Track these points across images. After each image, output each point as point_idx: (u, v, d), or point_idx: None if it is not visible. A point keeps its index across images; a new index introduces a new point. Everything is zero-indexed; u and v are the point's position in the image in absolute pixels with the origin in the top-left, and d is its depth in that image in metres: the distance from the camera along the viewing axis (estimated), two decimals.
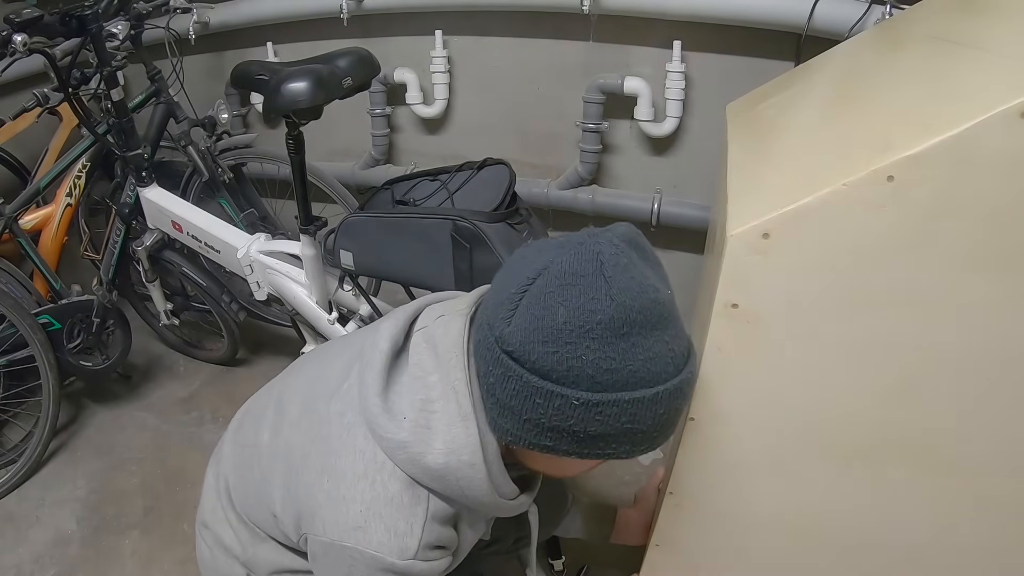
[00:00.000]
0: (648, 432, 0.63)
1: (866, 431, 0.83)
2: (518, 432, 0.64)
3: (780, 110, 1.07)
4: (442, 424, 0.67)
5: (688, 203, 1.84)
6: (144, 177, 1.58)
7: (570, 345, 0.58)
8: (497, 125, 2.04)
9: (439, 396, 0.67)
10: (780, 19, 1.51)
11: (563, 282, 0.58)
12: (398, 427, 0.67)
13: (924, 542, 0.90)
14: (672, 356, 0.62)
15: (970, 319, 0.72)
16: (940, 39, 0.93)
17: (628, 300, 0.58)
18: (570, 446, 0.63)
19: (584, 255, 0.59)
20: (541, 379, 0.59)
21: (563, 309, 0.57)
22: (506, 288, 0.62)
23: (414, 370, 0.70)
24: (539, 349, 0.58)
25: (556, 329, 0.58)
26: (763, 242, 0.73)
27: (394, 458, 0.68)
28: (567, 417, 0.60)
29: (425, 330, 0.72)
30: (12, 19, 1.22)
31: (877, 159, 0.67)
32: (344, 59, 1.27)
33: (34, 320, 1.58)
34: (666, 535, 1.05)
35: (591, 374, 0.58)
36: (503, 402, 0.63)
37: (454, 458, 0.67)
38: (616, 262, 0.59)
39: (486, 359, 0.64)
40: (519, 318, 0.60)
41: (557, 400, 0.59)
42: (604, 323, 0.57)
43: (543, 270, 0.60)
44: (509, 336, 0.60)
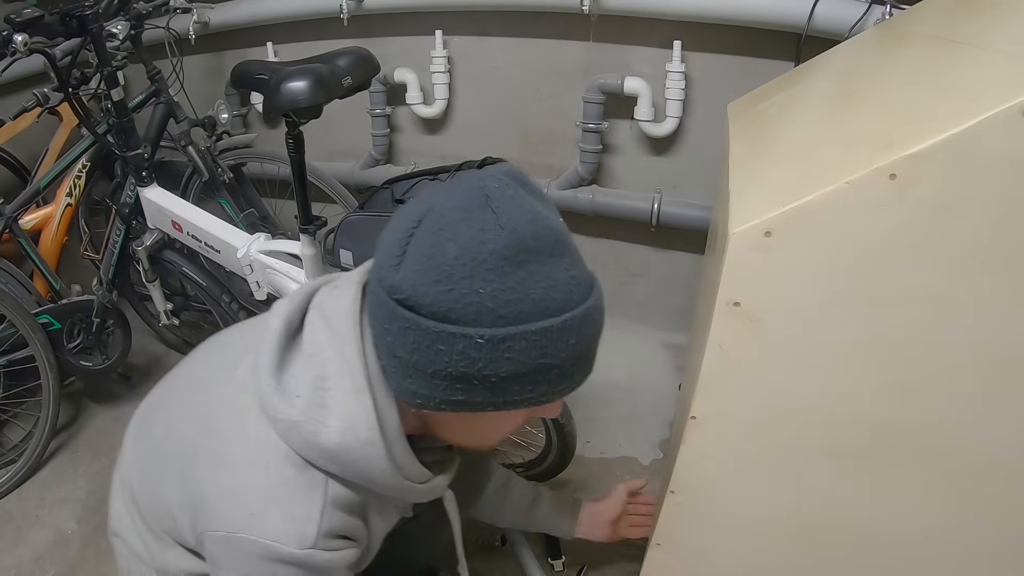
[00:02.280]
0: (563, 367, 0.60)
1: (868, 430, 0.83)
2: (427, 391, 0.60)
3: (781, 109, 1.07)
4: (336, 400, 0.63)
5: (688, 203, 1.84)
6: (144, 177, 1.58)
7: (466, 280, 0.54)
8: (497, 125, 2.04)
9: (334, 372, 0.63)
10: (780, 19, 1.51)
11: (450, 218, 0.56)
12: (290, 405, 0.63)
13: (925, 542, 0.90)
14: (575, 283, 0.59)
15: (973, 318, 0.72)
16: (941, 38, 0.93)
17: (520, 227, 0.55)
18: (484, 395, 0.59)
19: (468, 191, 0.57)
20: (440, 323, 0.55)
21: (453, 244, 0.54)
22: (392, 236, 0.58)
23: (308, 347, 0.66)
24: (433, 290, 0.55)
25: (448, 266, 0.54)
26: (765, 240, 0.73)
27: (288, 440, 0.64)
28: (475, 360, 0.56)
29: (318, 304, 0.69)
30: (12, 19, 1.22)
31: (879, 157, 0.67)
32: (344, 59, 1.27)
33: (34, 320, 1.58)
34: (666, 534, 1.05)
35: (492, 308, 0.55)
36: (405, 359, 0.59)
37: (350, 436, 0.62)
38: (502, 193, 0.57)
39: (380, 316, 0.60)
40: (408, 262, 0.56)
41: (461, 342, 0.55)
42: (498, 252, 0.54)
43: (428, 211, 0.57)
44: (400, 283, 0.56)
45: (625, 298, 2.15)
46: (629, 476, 1.64)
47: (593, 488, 1.60)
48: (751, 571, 1.04)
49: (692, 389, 0.90)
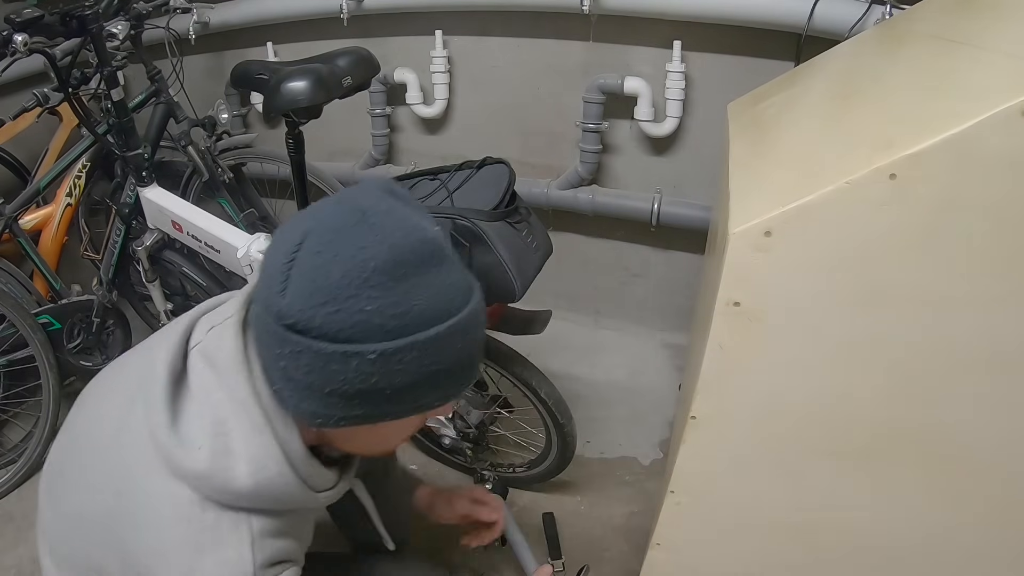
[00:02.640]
0: (453, 371, 0.62)
1: (868, 430, 0.83)
2: (325, 410, 0.61)
3: (781, 109, 1.07)
4: (239, 443, 0.63)
5: (688, 203, 1.84)
6: (144, 177, 1.58)
7: (352, 299, 0.55)
8: (497, 125, 2.04)
9: (230, 414, 0.64)
10: (780, 19, 1.51)
11: (329, 239, 0.57)
12: (195, 460, 0.63)
13: (925, 541, 0.90)
14: (455, 289, 0.61)
15: (973, 317, 0.72)
16: (941, 38, 0.93)
17: (398, 241, 0.57)
18: (383, 408, 0.61)
19: (344, 209, 0.58)
20: (331, 343, 0.56)
21: (336, 266, 0.56)
22: (274, 262, 0.59)
23: (198, 392, 0.65)
24: (321, 312, 0.56)
25: (333, 287, 0.55)
26: (765, 240, 0.73)
27: (201, 491, 0.63)
28: (369, 375, 0.58)
29: (200, 346, 0.68)
30: (12, 19, 1.22)
31: (879, 157, 0.67)
32: (344, 58, 1.27)
33: (34, 320, 1.58)
34: (666, 534, 1.05)
35: (379, 323, 0.56)
36: (301, 382, 0.59)
37: (262, 475, 0.64)
38: (377, 208, 0.58)
39: (271, 342, 0.60)
40: (293, 287, 0.57)
41: (354, 360, 0.57)
42: (380, 268, 0.56)
43: (307, 233, 0.57)
44: (287, 308, 0.57)
45: (625, 298, 2.15)
46: (629, 476, 1.64)
47: (593, 488, 1.60)
48: (751, 571, 1.04)
49: (692, 389, 0.90)
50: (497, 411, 1.50)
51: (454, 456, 1.61)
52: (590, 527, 1.50)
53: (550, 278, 1.40)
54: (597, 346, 2.09)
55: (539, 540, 1.43)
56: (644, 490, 1.58)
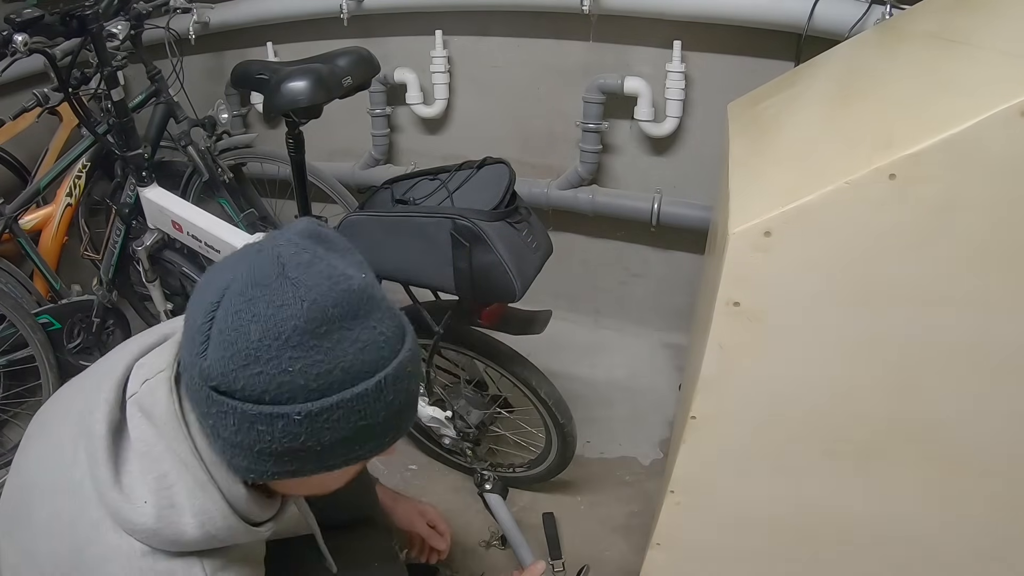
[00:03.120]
0: (384, 423, 0.60)
1: (868, 430, 0.83)
2: (258, 467, 0.60)
3: (781, 109, 1.07)
4: (184, 498, 0.63)
5: (688, 203, 1.84)
6: (144, 177, 1.58)
7: (273, 360, 0.54)
8: (497, 125, 2.04)
9: (170, 467, 0.63)
10: (780, 19, 1.51)
11: (248, 296, 0.54)
12: (141, 513, 0.62)
13: (925, 541, 0.90)
14: (384, 339, 0.59)
15: (973, 317, 0.72)
16: (940, 38, 0.93)
17: (319, 296, 0.55)
18: (315, 464, 0.60)
19: (263, 262, 0.56)
20: (256, 404, 0.55)
21: (255, 326, 0.53)
22: (194, 320, 0.57)
23: (138, 445, 0.64)
24: (243, 374, 0.54)
25: (253, 348, 0.53)
26: (765, 240, 0.73)
27: (151, 543, 0.63)
28: (296, 435, 0.56)
29: (135, 398, 0.66)
30: (13, 19, 1.22)
31: (879, 157, 0.67)
32: (344, 58, 1.27)
33: (34, 320, 1.58)
34: (666, 534, 1.05)
35: (303, 384, 0.55)
36: (231, 440, 0.59)
37: (209, 526, 0.64)
38: (298, 260, 0.56)
39: (198, 400, 0.59)
40: (213, 348, 0.55)
41: (279, 422, 0.55)
42: (301, 328, 0.54)
43: (225, 290, 0.55)
44: (209, 370, 0.55)
45: (625, 298, 2.15)
46: (629, 476, 1.64)
47: (593, 488, 1.60)
48: (751, 571, 1.05)
49: (692, 389, 0.90)
50: (497, 411, 1.50)
51: (454, 456, 1.61)
52: (590, 527, 1.50)
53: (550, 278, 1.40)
54: (597, 346, 2.09)
55: (539, 540, 1.43)
56: (644, 490, 1.58)
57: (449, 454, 1.61)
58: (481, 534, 1.47)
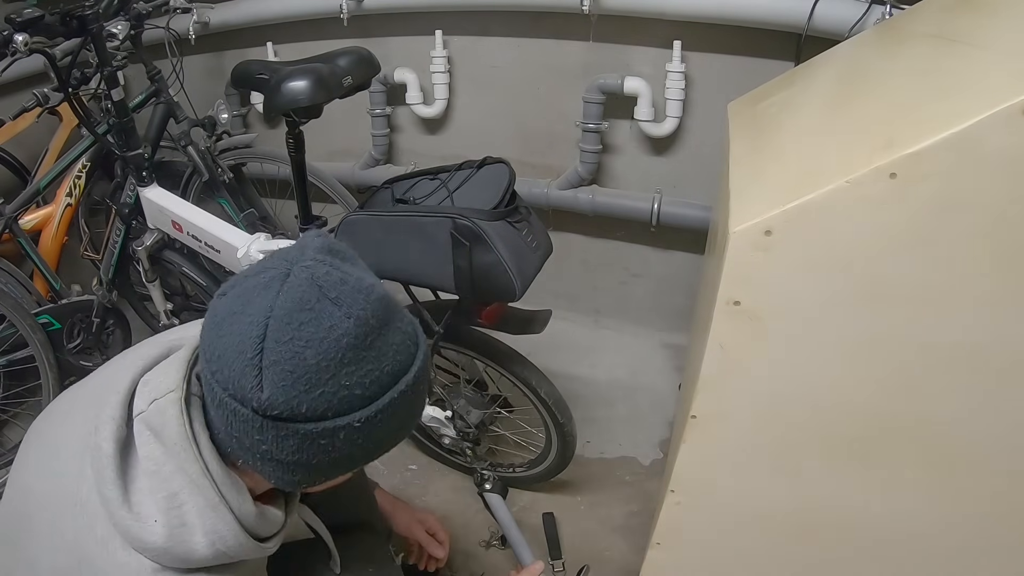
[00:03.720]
0: (416, 407, 0.66)
1: (868, 429, 0.83)
2: (311, 476, 0.63)
3: (781, 108, 1.07)
4: (195, 517, 0.64)
5: (688, 203, 1.84)
6: (144, 177, 1.58)
7: (332, 380, 0.57)
8: (497, 125, 2.04)
9: (181, 487, 0.64)
10: (780, 19, 1.51)
11: (296, 323, 0.56)
12: (152, 532, 0.63)
13: (925, 540, 0.90)
14: (409, 336, 0.64)
15: (973, 316, 0.72)
16: (941, 37, 0.93)
17: (360, 311, 0.58)
18: (363, 459, 0.64)
19: (300, 286, 0.57)
20: (318, 423, 0.58)
21: (310, 351, 0.56)
22: (235, 357, 0.57)
23: (147, 464, 0.65)
24: (306, 398, 0.57)
25: (312, 372, 0.56)
26: (765, 239, 0.73)
27: (160, 560, 0.64)
28: (354, 440, 0.60)
29: (143, 417, 0.66)
30: (13, 19, 1.22)
31: (879, 156, 0.67)
32: (344, 58, 1.26)
33: (34, 320, 1.58)
34: (666, 534, 1.05)
35: (360, 393, 0.58)
36: (288, 460, 0.60)
37: (220, 545, 0.65)
38: (332, 279, 0.58)
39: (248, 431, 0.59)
40: (269, 379, 0.56)
41: (341, 433, 0.59)
42: (352, 344, 0.57)
43: (267, 319, 0.56)
44: (269, 401, 0.56)
45: (625, 298, 2.15)
46: (629, 476, 1.64)
47: (593, 488, 1.60)
48: (751, 570, 1.04)
49: (692, 389, 0.90)
50: (497, 411, 1.50)
51: (454, 456, 1.61)
52: (590, 527, 1.50)
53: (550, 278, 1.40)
54: (597, 346, 2.09)
55: (539, 540, 1.43)
56: (644, 490, 1.58)
57: (449, 454, 1.61)
58: (481, 534, 1.47)
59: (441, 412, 1.42)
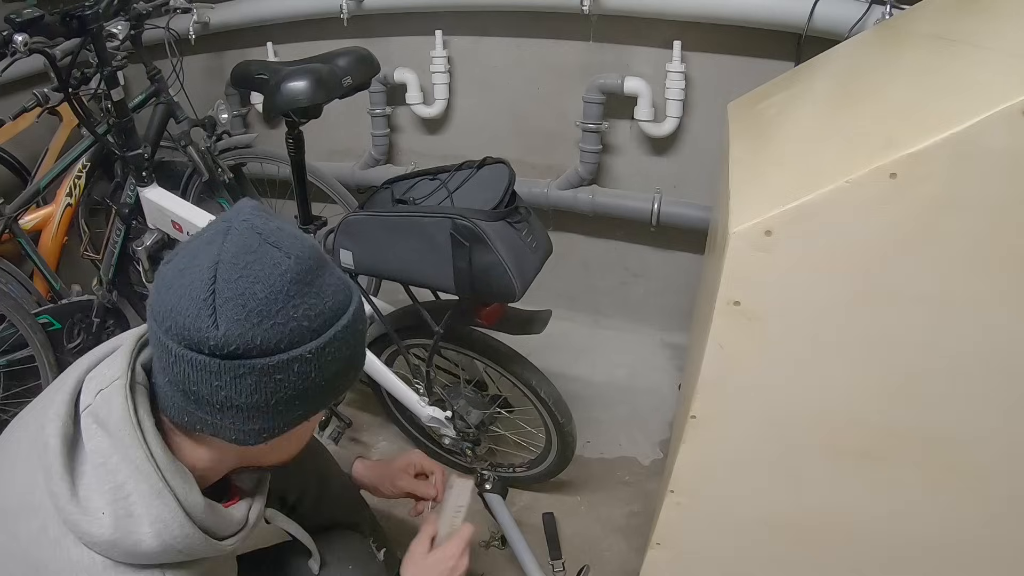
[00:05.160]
0: (359, 348, 0.70)
1: (868, 430, 0.83)
2: (272, 422, 0.65)
3: (781, 108, 1.07)
4: (141, 507, 0.64)
5: (688, 203, 1.84)
6: (144, 177, 1.58)
7: (282, 311, 0.60)
8: (497, 125, 2.04)
9: (127, 477, 0.64)
10: (780, 19, 1.51)
11: (242, 264, 0.60)
12: (99, 525, 0.63)
13: (925, 541, 0.90)
14: (342, 280, 0.68)
15: (973, 316, 0.72)
16: (941, 38, 0.93)
17: (298, 252, 0.63)
18: (320, 400, 0.67)
19: (243, 235, 0.62)
20: (272, 356, 0.61)
21: (259, 286, 0.60)
22: (188, 304, 0.60)
23: (93, 457, 0.65)
24: (259, 330, 0.60)
25: (263, 304, 0.60)
26: (765, 239, 0.73)
27: (111, 555, 0.64)
28: (307, 373, 0.63)
29: (90, 409, 0.67)
30: (13, 19, 1.22)
31: (879, 156, 0.67)
32: (344, 58, 1.26)
33: (34, 320, 1.58)
34: (666, 534, 1.05)
35: (307, 325, 0.62)
36: (245, 404, 0.62)
37: (166, 535, 0.65)
38: (269, 228, 0.63)
39: (203, 379, 0.61)
40: (224, 316, 0.59)
41: (295, 365, 0.62)
42: (295, 279, 0.61)
43: (216, 265, 0.60)
44: (224, 338, 0.59)
45: (625, 298, 2.15)
46: (629, 476, 1.64)
47: (593, 488, 1.60)
48: (751, 571, 1.04)
49: (692, 389, 0.90)
50: (497, 411, 1.50)
51: (454, 456, 1.61)
52: (590, 527, 1.50)
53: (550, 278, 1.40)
54: (597, 346, 2.09)
55: (539, 540, 1.43)
56: (644, 490, 1.58)
57: (449, 454, 1.61)
58: (481, 534, 1.47)
59: (441, 412, 1.42)
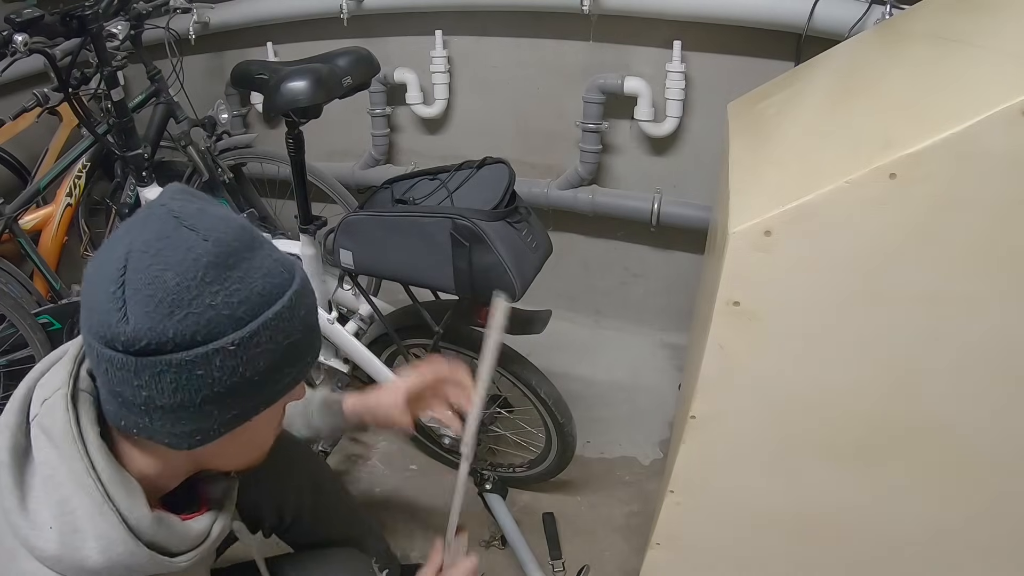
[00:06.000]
0: (302, 340, 0.64)
1: (868, 429, 0.83)
2: (202, 423, 0.60)
3: (781, 108, 1.07)
4: (86, 521, 0.61)
5: (688, 203, 1.84)
6: (144, 177, 1.58)
7: (196, 300, 0.55)
8: (497, 125, 2.04)
9: (72, 491, 0.62)
10: (780, 19, 1.51)
11: (154, 251, 0.56)
12: (46, 539, 0.61)
13: (925, 539, 0.90)
14: (281, 265, 0.62)
15: (972, 316, 0.72)
16: (941, 38, 0.93)
17: (219, 234, 0.57)
18: (254, 398, 0.62)
19: (157, 220, 0.58)
20: (189, 350, 0.56)
21: (169, 273, 0.55)
22: (100, 298, 0.56)
23: (42, 468, 0.63)
24: (170, 322, 0.55)
25: (174, 293, 0.55)
26: (765, 239, 0.73)
27: (60, 570, 0.61)
28: (235, 368, 0.58)
29: (37, 419, 0.64)
30: (13, 19, 1.22)
31: (879, 156, 0.67)
32: (344, 58, 1.27)
33: (34, 320, 1.58)
34: (666, 534, 1.05)
35: (229, 314, 0.57)
36: (169, 404, 0.58)
37: (111, 552, 0.62)
38: (189, 211, 0.58)
39: (122, 378, 0.57)
40: (132, 309, 0.55)
41: (216, 358, 0.57)
42: (212, 262, 0.56)
43: (127, 255, 0.56)
44: (134, 332, 0.54)
45: (625, 298, 2.15)
46: (629, 476, 1.64)
47: (593, 488, 1.60)
48: (751, 570, 1.04)
49: (692, 389, 0.90)
50: (497, 411, 1.50)
51: (454, 456, 1.61)
52: (590, 527, 1.50)
53: (550, 278, 1.40)
54: (597, 346, 2.09)
55: (539, 540, 1.43)
56: (644, 490, 1.58)
57: (449, 454, 1.61)
58: (481, 534, 1.47)
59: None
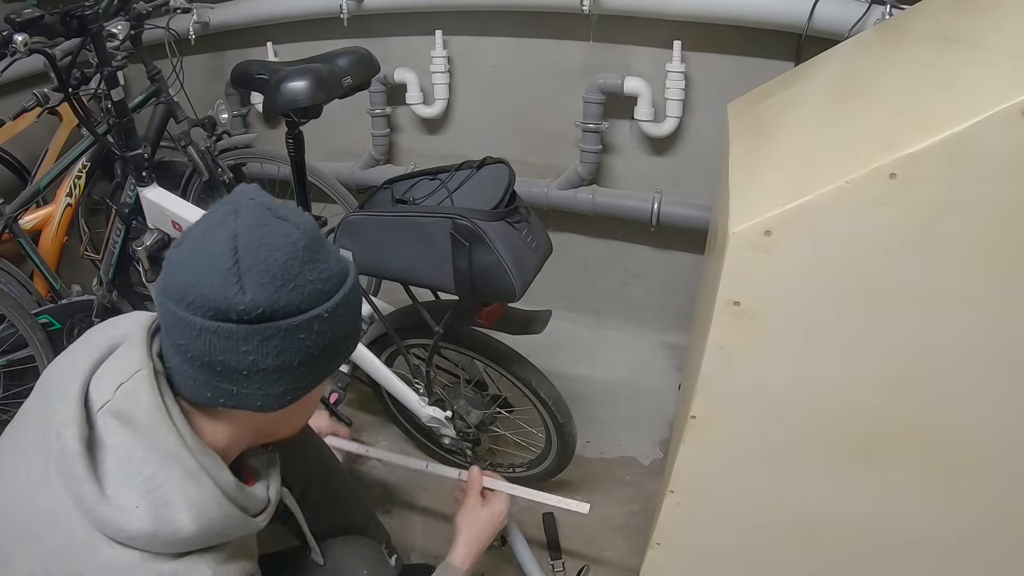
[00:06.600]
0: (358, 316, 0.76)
1: (868, 429, 0.83)
2: (295, 383, 0.69)
3: (781, 108, 1.07)
4: (176, 493, 0.65)
5: (688, 203, 1.84)
6: (144, 177, 1.58)
7: (300, 275, 0.65)
8: (497, 125, 2.04)
9: (157, 467, 0.65)
10: (780, 19, 1.51)
11: (259, 235, 0.65)
12: (136, 519, 0.63)
13: (924, 540, 0.90)
14: (338, 249, 0.74)
15: (972, 316, 0.72)
16: (941, 38, 0.93)
17: (304, 224, 0.68)
18: (332, 362, 0.72)
19: (255, 210, 0.67)
20: (294, 317, 0.65)
21: (277, 252, 0.64)
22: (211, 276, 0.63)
23: (117, 453, 0.65)
24: (282, 293, 0.64)
25: (283, 269, 0.64)
26: (765, 239, 0.73)
27: (152, 548, 0.64)
28: (325, 332, 0.68)
29: (109, 406, 0.67)
30: (13, 19, 1.22)
31: (879, 156, 0.68)
32: (344, 58, 1.27)
33: (34, 320, 1.58)
34: (666, 534, 1.05)
35: (321, 288, 0.67)
36: (271, 367, 0.66)
37: (204, 518, 0.66)
38: (275, 205, 0.69)
39: (229, 346, 0.64)
40: (250, 283, 0.63)
41: (316, 323, 0.66)
42: (307, 246, 0.66)
43: (234, 238, 0.64)
44: (252, 302, 0.63)
45: (625, 298, 2.15)
46: (629, 476, 1.64)
47: (593, 488, 1.60)
48: (750, 570, 1.05)
49: (692, 389, 0.90)
50: (497, 411, 1.50)
51: (454, 456, 1.61)
52: (590, 527, 1.50)
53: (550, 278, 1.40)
54: (597, 346, 2.09)
55: (539, 540, 1.43)
56: (644, 490, 1.58)
57: (449, 454, 1.61)
58: None
59: (441, 412, 1.42)
